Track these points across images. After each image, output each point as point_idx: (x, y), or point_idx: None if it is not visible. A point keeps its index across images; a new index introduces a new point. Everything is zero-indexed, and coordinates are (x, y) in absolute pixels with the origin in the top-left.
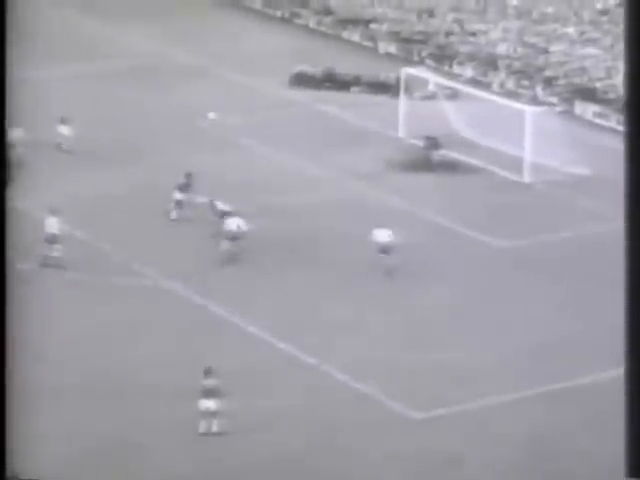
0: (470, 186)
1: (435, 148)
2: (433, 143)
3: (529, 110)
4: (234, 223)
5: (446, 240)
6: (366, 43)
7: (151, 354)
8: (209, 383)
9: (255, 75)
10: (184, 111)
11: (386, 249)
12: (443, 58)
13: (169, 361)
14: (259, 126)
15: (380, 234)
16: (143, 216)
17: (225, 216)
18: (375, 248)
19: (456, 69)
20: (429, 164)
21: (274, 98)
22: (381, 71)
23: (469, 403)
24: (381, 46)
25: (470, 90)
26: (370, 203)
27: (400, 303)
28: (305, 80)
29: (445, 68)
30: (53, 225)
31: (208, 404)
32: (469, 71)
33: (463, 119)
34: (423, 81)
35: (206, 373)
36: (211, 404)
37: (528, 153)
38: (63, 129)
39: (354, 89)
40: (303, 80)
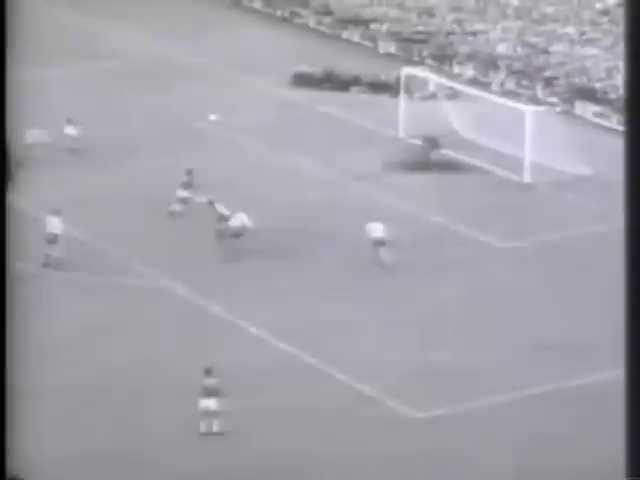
0: (470, 186)
1: (434, 148)
2: (432, 143)
3: (529, 110)
4: (238, 219)
5: (446, 240)
6: (366, 43)
7: (151, 354)
8: (210, 383)
9: (255, 75)
10: (184, 111)
11: (380, 243)
12: (443, 58)
13: (169, 361)
14: (259, 126)
15: (374, 228)
16: (143, 216)
17: (223, 220)
18: (369, 242)
19: (456, 69)
20: (429, 164)
21: (274, 98)
22: (381, 71)
23: (469, 403)
24: (381, 46)
25: (470, 90)
26: (370, 203)
27: (400, 303)
28: (305, 80)
29: (445, 68)
30: (54, 225)
31: (209, 404)
32: (469, 71)
33: (463, 119)
34: (423, 81)
35: (207, 373)
36: (212, 404)
37: (528, 153)
38: (69, 129)
39: (354, 89)
40: (303, 80)
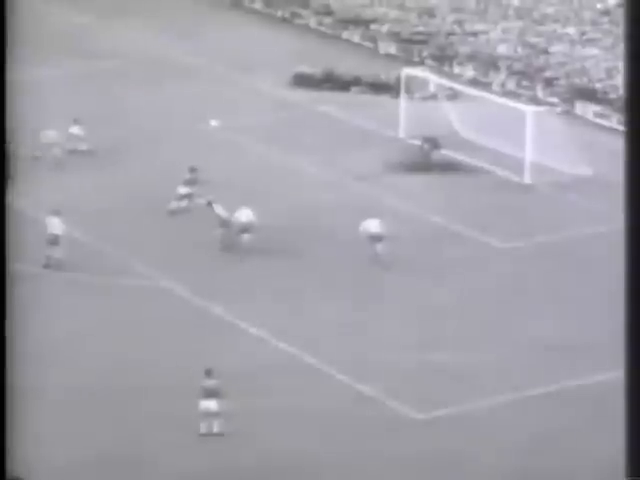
0: (471, 187)
1: (434, 148)
2: (432, 143)
3: (530, 110)
4: (244, 215)
5: (446, 241)
6: (366, 43)
7: (152, 354)
8: (210, 384)
9: (255, 75)
10: (184, 111)
11: (377, 239)
12: (443, 58)
13: (169, 362)
14: (259, 126)
15: (370, 224)
16: (143, 216)
17: (222, 225)
18: (365, 238)
19: (456, 69)
20: (429, 165)
21: (274, 98)
22: (381, 71)
23: (469, 404)
24: (381, 46)
25: (471, 90)
26: (370, 203)
27: (400, 303)
28: (305, 80)
29: (445, 68)
30: (55, 226)
31: (209, 405)
32: (469, 71)
33: (463, 120)
34: (423, 81)
35: (207, 374)
36: (212, 404)
37: (529, 153)
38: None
39: (354, 89)
40: (303, 80)
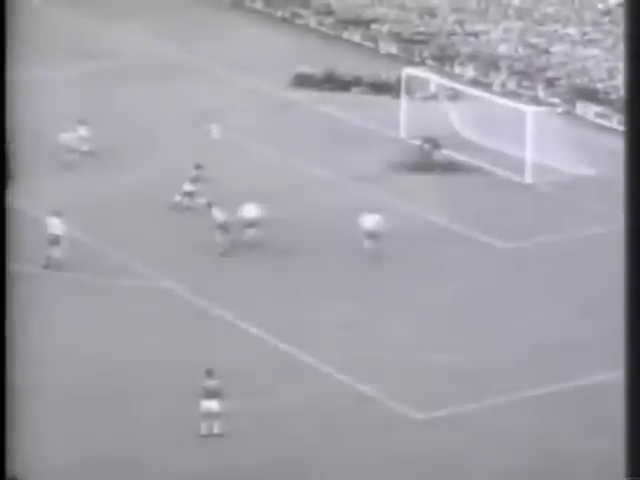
0: (471, 187)
1: (434, 148)
2: (431, 143)
3: (530, 111)
4: (248, 210)
5: (447, 241)
6: (367, 43)
7: (152, 355)
8: (211, 384)
9: (256, 75)
10: (184, 112)
11: (372, 235)
12: (444, 59)
13: (170, 362)
14: (259, 126)
15: (367, 220)
16: (143, 217)
17: (220, 229)
18: (361, 233)
19: (457, 70)
20: (430, 165)
21: (275, 99)
22: (382, 72)
23: (469, 404)
24: (382, 46)
25: (471, 91)
26: (371, 204)
27: (401, 304)
28: (306, 80)
29: (446, 69)
30: (55, 226)
31: (210, 405)
32: (470, 72)
33: (464, 120)
34: (424, 82)
35: (208, 374)
36: (213, 405)
37: (529, 154)
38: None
39: (355, 90)
40: (304, 80)
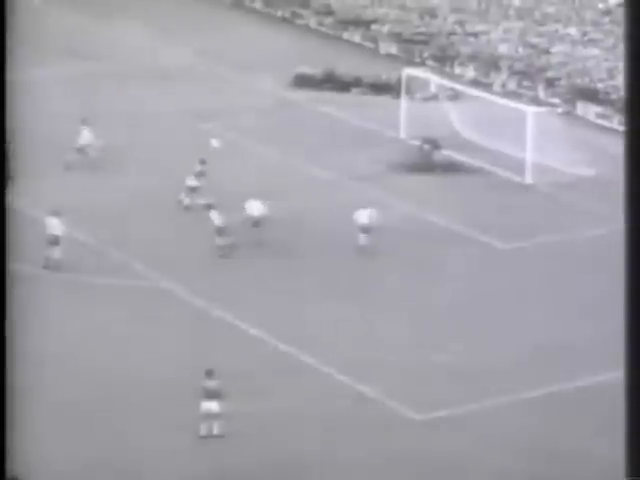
0: (472, 187)
1: (433, 149)
2: (431, 144)
3: (531, 111)
4: (253, 208)
5: (447, 241)
6: (367, 44)
7: (152, 355)
8: (211, 385)
9: (256, 75)
10: (184, 112)
11: (366, 229)
12: (444, 59)
13: (170, 363)
14: (259, 126)
15: (361, 214)
16: (143, 217)
17: (218, 232)
18: (356, 227)
19: (457, 70)
20: (431, 165)
21: (275, 99)
22: (382, 72)
23: (469, 404)
24: (382, 47)
25: (472, 91)
26: (371, 204)
27: (401, 304)
28: (306, 81)
29: (446, 69)
30: (55, 226)
31: (210, 406)
32: (471, 72)
33: (465, 120)
34: (424, 82)
35: (208, 374)
36: (213, 406)
37: (530, 154)
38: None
39: (355, 90)
40: (304, 81)
